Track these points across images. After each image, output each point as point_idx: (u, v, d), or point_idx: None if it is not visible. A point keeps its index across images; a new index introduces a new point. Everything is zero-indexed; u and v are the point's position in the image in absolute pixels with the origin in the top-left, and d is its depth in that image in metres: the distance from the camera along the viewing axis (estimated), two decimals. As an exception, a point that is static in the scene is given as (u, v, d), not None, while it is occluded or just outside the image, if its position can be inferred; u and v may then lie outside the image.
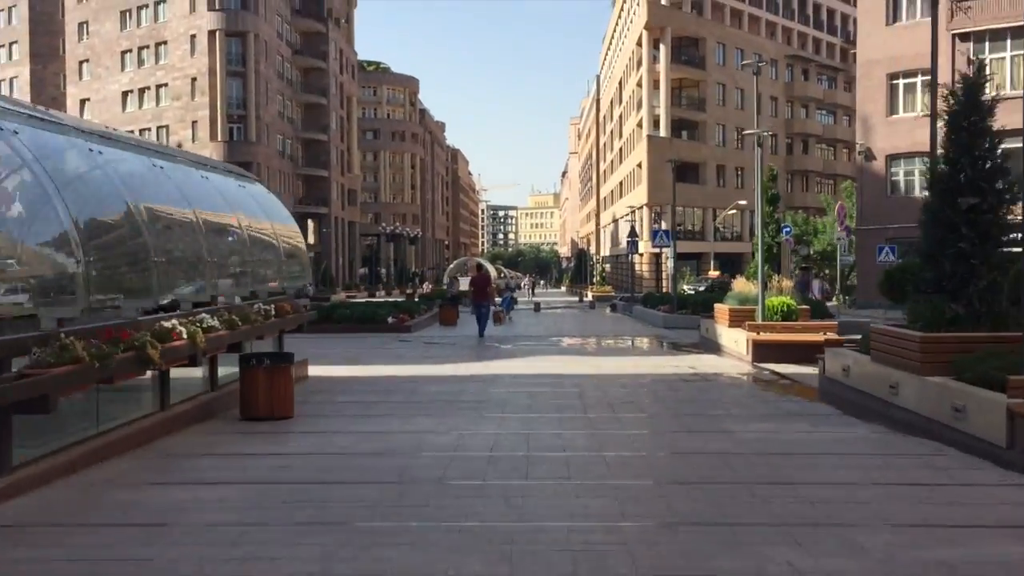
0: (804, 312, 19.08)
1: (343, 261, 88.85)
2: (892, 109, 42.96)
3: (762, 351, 17.41)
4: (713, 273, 67.97)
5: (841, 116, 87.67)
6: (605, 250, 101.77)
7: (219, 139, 69.80)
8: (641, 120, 74.12)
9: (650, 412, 11.40)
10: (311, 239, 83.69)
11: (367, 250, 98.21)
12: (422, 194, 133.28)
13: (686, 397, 12.95)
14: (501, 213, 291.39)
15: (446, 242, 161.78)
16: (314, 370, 15.85)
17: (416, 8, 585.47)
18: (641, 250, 74.57)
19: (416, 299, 48.49)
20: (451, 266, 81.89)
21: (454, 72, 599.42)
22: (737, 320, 19.36)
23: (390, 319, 27.66)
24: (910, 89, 42.52)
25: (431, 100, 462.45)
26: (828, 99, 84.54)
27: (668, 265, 65.71)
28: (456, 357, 19.21)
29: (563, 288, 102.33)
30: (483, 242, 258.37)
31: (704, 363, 17.65)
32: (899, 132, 42.40)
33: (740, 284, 20.83)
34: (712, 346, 20.65)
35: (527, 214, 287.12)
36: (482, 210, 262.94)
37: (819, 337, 17.63)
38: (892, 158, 43.02)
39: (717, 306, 20.96)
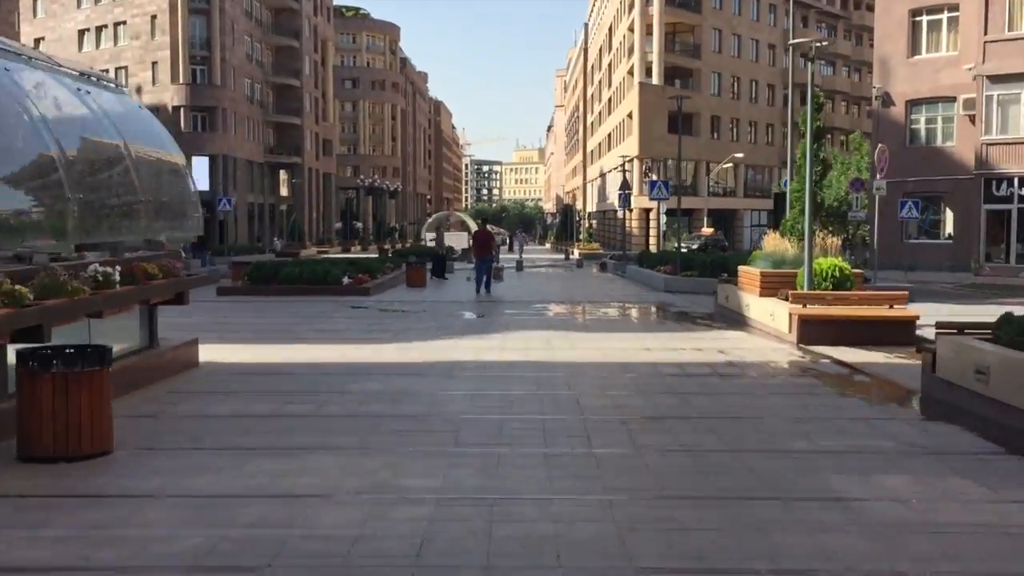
0: (857, 278, 14.81)
1: (317, 215, 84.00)
2: (914, 49, 38.54)
3: (809, 329, 13.18)
4: (707, 230, 63.73)
5: (841, 67, 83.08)
6: (592, 206, 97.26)
7: (180, 81, 64.55)
8: (632, 67, 69.28)
9: (690, 444, 7.09)
10: (283, 191, 78.96)
11: (344, 203, 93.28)
12: (403, 147, 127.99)
13: (734, 408, 8.66)
14: (485, 168, 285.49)
15: (428, 196, 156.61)
16: (216, 352, 11.55)
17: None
18: (633, 204, 70.16)
19: (390, 255, 44.23)
20: (430, 220, 77.03)
21: (437, 23, 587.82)
22: (771, 287, 15.12)
23: (345, 279, 23.28)
24: (935, 27, 38.05)
25: (413, 50, 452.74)
26: (828, 48, 79.68)
27: (660, 221, 61.55)
28: (413, 332, 14.90)
29: (547, 245, 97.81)
30: (467, 197, 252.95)
31: (735, 344, 13.39)
32: (921, 75, 38.02)
33: (772, 241, 16.49)
34: (735, 319, 16.44)
35: (512, 169, 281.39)
36: (466, 164, 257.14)
37: (884, 311, 13.39)
38: (913, 104, 38.67)
39: (744, 269, 16.64)
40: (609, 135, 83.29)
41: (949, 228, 38.25)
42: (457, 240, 59.67)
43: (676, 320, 17.30)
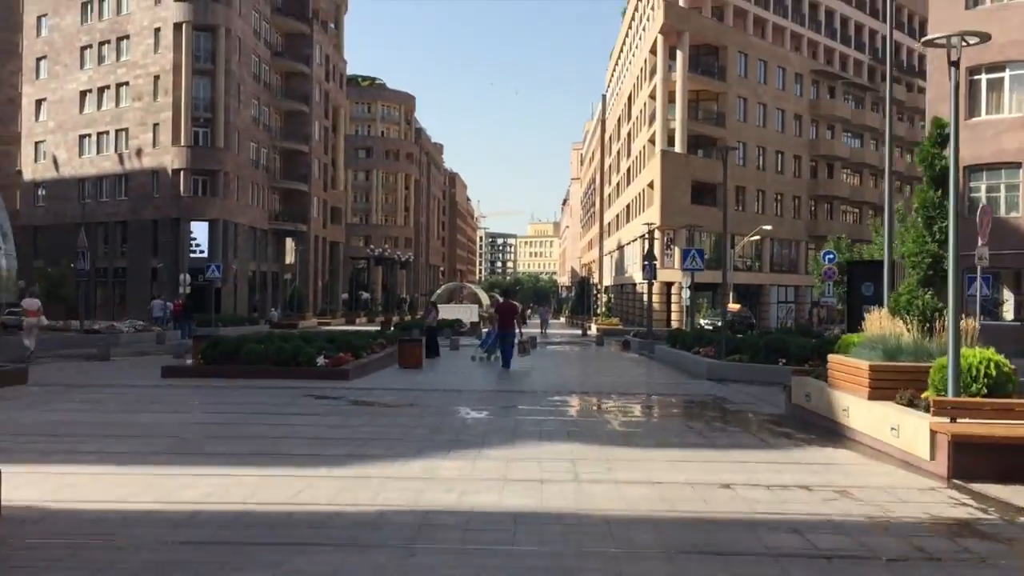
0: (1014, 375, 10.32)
1: (323, 285, 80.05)
2: (972, 111, 34.51)
3: (966, 457, 8.68)
4: (733, 306, 59.21)
5: (868, 140, 79.36)
6: (609, 279, 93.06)
7: (182, 143, 61.30)
8: (654, 135, 65.75)
9: None
10: (289, 259, 75.34)
11: (352, 273, 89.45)
12: (416, 217, 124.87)
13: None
14: (500, 241, 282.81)
15: (441, 268, 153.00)
16: (41, 484, 7.15)
17: (416, 33, 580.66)
18: (644, 279, 65.90)
19: (391, 328, 40.07)
20: (439, 290, 72.81)
21: (454, 95, 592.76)
22: (886, 387, 10.67)
23: (320, 360, 18.91)
24: (995, 86, 34.05)
25: (429, 122, 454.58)
26: (856, 120, 76.21)
27: (684, 296, 57.17)
28: (380, 445, 10.45)
29: (562, 319, 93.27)
30: (481, 270, 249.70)
31: (854, 479, 8.87)
32: (982, 138, 33.84)
33: (877, 321, 11.98)
34: (826, 427, 11.94)
35: (526, 242, 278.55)
36: (480, 237, 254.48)
37: (1075, 430, 8.87)
38: (972, 170, 34.52)
39: (840, 360, 12.13)
40: (628, 206, 79.54)
41: (1010, 307, 33.88)
42: (466, 313, 55.44)
43: (743, 426, 12.77)
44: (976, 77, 34.30)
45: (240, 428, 11.63)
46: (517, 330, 23.59)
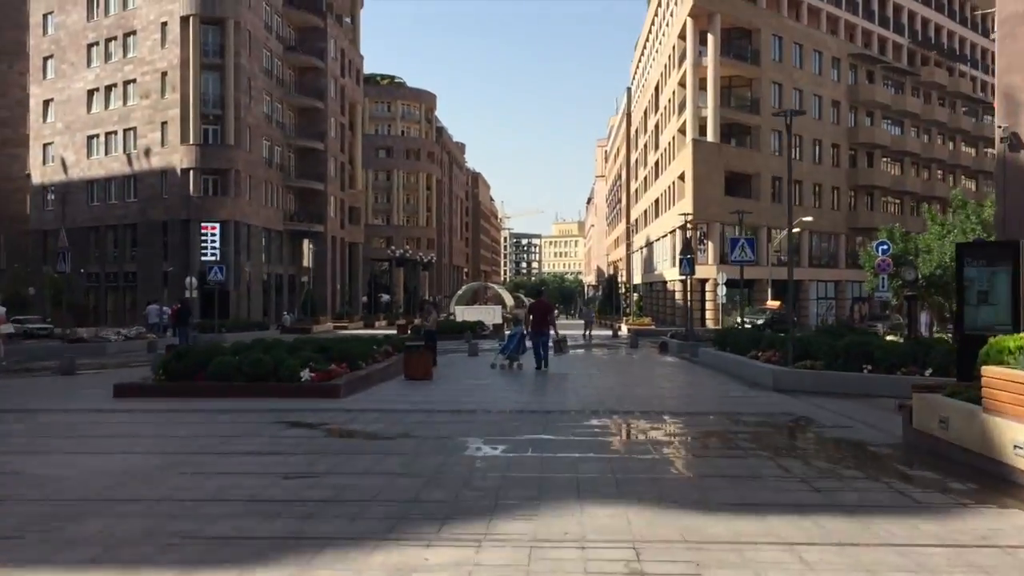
0: None
1: (341, 287, 76.88)
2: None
3: None
4: (772, 303, 55.27)
5: (909, 127, 75.04)
6: (637, 277, 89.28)
7: (191, 141, 58.32)
8: (684, 124, 62.00)
9: None
10: (306, 261, 72.35)
11: (371, 275, 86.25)
12: (439, 218, 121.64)
13: None
14: (524, 241, 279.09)
15: (465, 269, 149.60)
16: None
17: (436, 32, 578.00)
18: (681, 274, 62.12)
19: (409, 332, 36.81)
20: (461, 291, 69.25)
21: (476, 97, 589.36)
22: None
23: (305, 374, 15.50)
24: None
25: (452, 124, 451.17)
26: (896, 106, 71.93)
27: (719, 293, 53.45)
28: (339, 520, 6.96)
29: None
30: (505, 270, 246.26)
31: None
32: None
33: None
34: (985, 470, 8.31)
35: (551, 242, 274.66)
36: (504, 238, 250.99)
37: None
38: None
39: (1004, 376, 8.48)
40: (656, 201, 75.80)
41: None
42: (489, 314, 51.98)
43: (860, 467, 9.10)
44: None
45: (153, 482, 8.18)
46: (552, 330, 22.37)
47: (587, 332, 47.62)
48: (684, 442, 10.71)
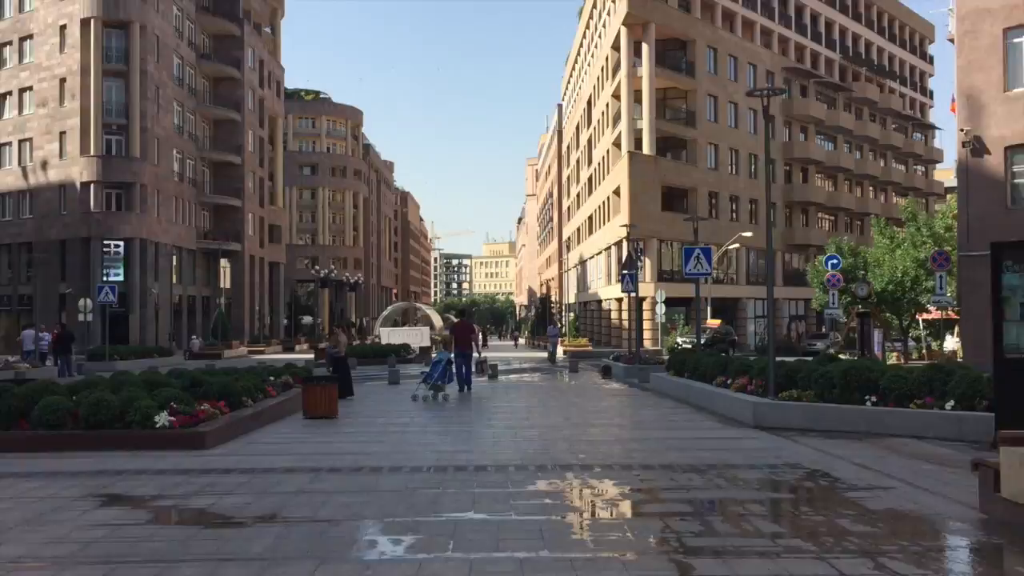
0: None
1: (260, 308, 72.28)
2: (1013, 80, 28.47)
3: None
4: (712, 322, 52.76)
5: (842, 142, 73.84)
6: (570, 296, 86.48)
7: (92, 153, 53.53)
8: (619, 137, 59.41)
9: None
10: (224, 282, 67.79)
11: (291, 296, 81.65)
12: (366, 237, 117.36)
13: None
14: (455, 262, 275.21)
15: (395, 290, 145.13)
16: None
17: (363, 48, 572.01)
18: (623, 291, 59.35)
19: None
20: (386, 311, 65.15)
21: (405, 116, 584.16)
22: None
23: (162, 418, 11.79)
24: (1038, 49, 28.19)
25: (381, 143, 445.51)
26: (830, 121, 70.55)
27: (658, 311, 50.78)
28: None
29: (521, 341, 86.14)
30: (436, 291, 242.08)
31: None
32: (1025, 112, 27.99)
33: None
34: None
35: (481, 263, 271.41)
36: (435, 259, 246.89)
37: None
38: (1013, 150, 28.44)
39: None
40: (590, 217, 73.13)
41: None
42: (416, 336, 48.35)
43: (958, 564, 5.95)
44: (1018, 40, 28.26)
45: None
46: (475, 352, 21.87)
47: (552, 351, 44.69)
48: (675, 522, 7.36)
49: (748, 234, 54.15)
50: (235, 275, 66.30)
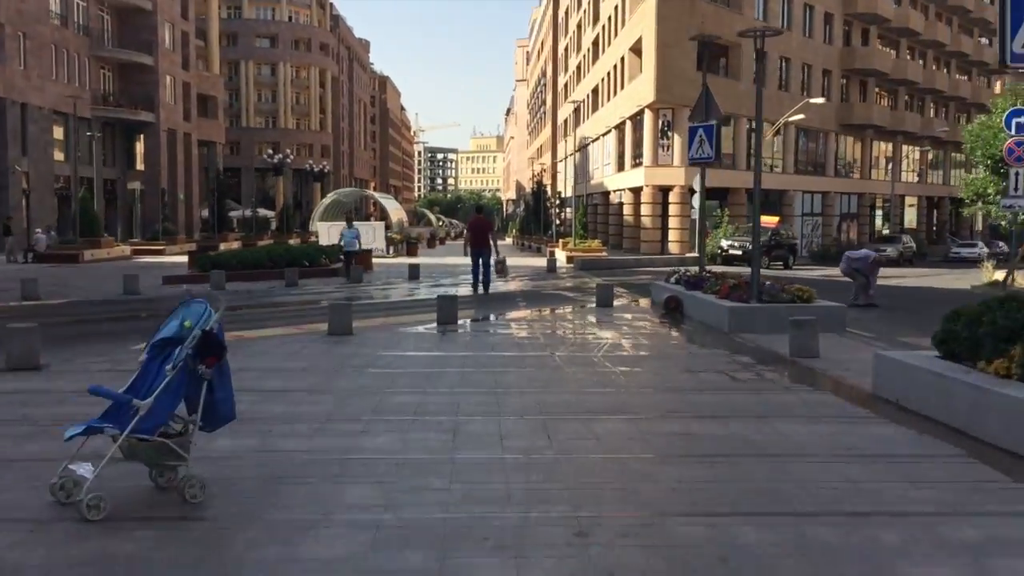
0: None
1: (185, 197, 57.08)
2: None
3: None
4: (769, 220, 38.26)
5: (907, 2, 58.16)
6: (567, 189, 71.59)
7: (-83, -25, 37.54)
8: (640, -26, 43.68)
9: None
10: (139, 164, 52.63)
11: (216, 179, 65.34)
12: (336, 122, 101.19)
13: None
14: (440, 156, 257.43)
15: (372, 183, 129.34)
16: None
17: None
18: (644, 181, 44.44)
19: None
20: (326, 201, 48.63)
21: (395, 9, 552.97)
22: None
23: None
24: None
25: (354, 18, 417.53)
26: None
27: (694, 204, 36.19)
28: None
29: (509, 240, 71.08)
30: (420, 186, 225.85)
31: None
32: None
33: None
34: None
35: (468, 158, 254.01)
36: (419, 152, 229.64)
37: None
38: None
39: None
40: (595, 90, 57.72)
41: None
42: (366, 235, 32.96)
43: None
44: None
45: None
46: (493, 249, 18.89)
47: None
48: None
49: (820, 100, 39.21)
50: (148, 153, 51.07)
